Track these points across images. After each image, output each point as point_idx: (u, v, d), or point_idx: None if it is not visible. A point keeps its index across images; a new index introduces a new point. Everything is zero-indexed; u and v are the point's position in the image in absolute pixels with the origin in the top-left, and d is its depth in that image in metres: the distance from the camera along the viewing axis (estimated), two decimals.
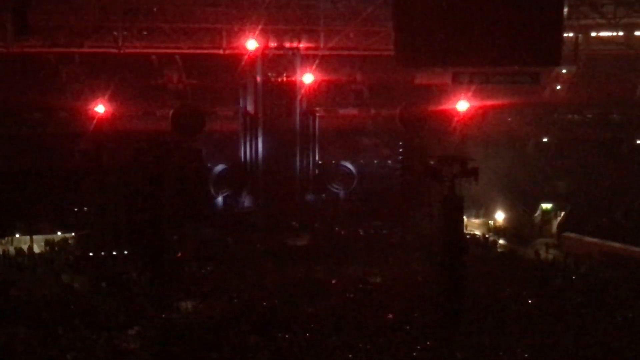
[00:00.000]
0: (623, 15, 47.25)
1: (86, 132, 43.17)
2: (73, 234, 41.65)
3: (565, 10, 36.79)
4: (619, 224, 42.89)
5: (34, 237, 41.05)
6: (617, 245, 39.78)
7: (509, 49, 35.12)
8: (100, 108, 43.06)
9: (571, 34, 47.61)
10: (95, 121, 43.22)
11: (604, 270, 37.11)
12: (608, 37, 51.19)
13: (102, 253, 39.27)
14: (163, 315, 30.35)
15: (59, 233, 41.82)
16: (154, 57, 46.64)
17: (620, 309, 30.68)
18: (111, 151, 42.63)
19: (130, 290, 33.72)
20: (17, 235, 41.14)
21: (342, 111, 49.85)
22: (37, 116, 45.45)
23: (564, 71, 52.49)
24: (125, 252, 39.31)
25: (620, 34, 50.70)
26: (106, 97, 43.46)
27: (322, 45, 46.49)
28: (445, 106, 45.88)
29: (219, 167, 45.17)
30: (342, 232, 44.07)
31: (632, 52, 50.83)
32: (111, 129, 43.35)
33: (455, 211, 30.27)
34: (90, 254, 39.13)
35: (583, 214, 44.90)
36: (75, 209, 42.83)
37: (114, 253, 39.33)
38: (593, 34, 50.56)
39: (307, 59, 45.68)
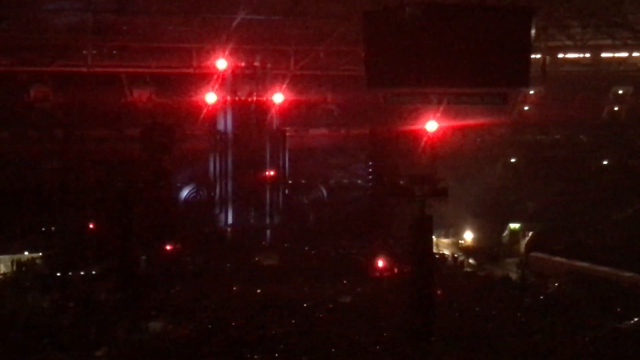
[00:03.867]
0: (590, 38, 48.01)
1: (55, 151, 42.83)
2: (41, 253, 41.25)
3: (533, 32, 37.13)
4: (585, 243, 43.20)
5: (1, 256, 40.59)
6: (584, 264, 40.06)
7: (478, 70, 35.24)
8: (69, 127, 42.77)
9: (539, 56, 48.19)
10: (65, 140, 42.90)
11: (571, 290, 37.37)
12: (575, 58, 51.92)
13: (70, 273, 38.93)
14: (132, 336, 30.08)
15: (26, 253, 41.38)
16: (123, 76, 46.47)
17: (588, 327, 30.87)
18: (80, 170, 42.33)
19: (99, 311, 33.39)
20: None
21: (312, 131, 49.95)
22: (4, 135, 45.01)
23: (532, 92, 53.10)
24: (94, 272, 39.01)
25: (587, 55, 51.45)
26: (76, 116, 43.19)
27: (292, 65, 46.70)
28: (415, 126, 46.07)
29: (190, 186, 45.03)
30: (312, 252, 44.03)
31: (599, 73, 51.56)
32: (80, 148, 43.06)
33: (424, 231, 30.40)
34: (58, 274, 38.76)
35: (551, 234, 45.24)
36: (43, 229, 42.40)
37: (82, 273, 39.01)
38: (560, 55, 51.26)
39: (278, 78, 45.78)
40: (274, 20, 43.31)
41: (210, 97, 44.53)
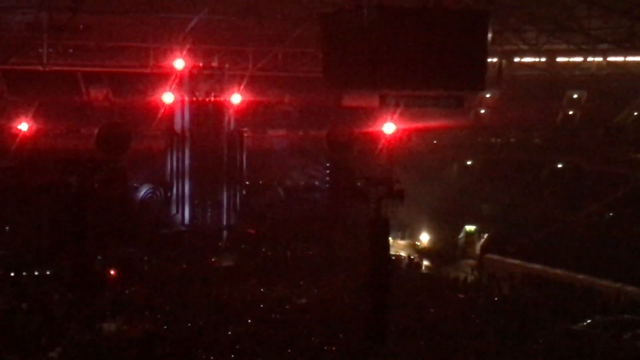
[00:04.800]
0: (545, 42, 48.59)
1: (8, 149, 42.30)
2: None
3: (490, 35, 37.53)
4: (540, 246, 43.71)
5: None
6: (538, 267, 40.54)
7: (435, 73, 35.58)
8: (23, 126, 42.21)
9: (495, 59, 48.68)
10: (18, 139, 42.36)
11: (525, 292, 37.79)
12: (531, 62, 52.52)
13: (24, 273, 38.51)
14: (85, 337, 29.82)
15: None
16: (79, 74, 46.07)
17: (541, 329, 31.21)
18: (34, 169, 41.87)
19: (52, 311, 33.06)
20: None
21: (270, 132, 49.93)
22: None
23: (488, 95, 53.67)
24: (47, 273, 38.62)
25: (543, 59, 52.08)
26: (30, 114, 42.69)
27: (250, 65, 46.66)
28: (372, 128, 46.32)
29: (145, 186, 44.71)
30: (269, 253, 44.01)
31: (554, 77, 52.20)
32: (35, 147, 42.58)
33: (381, 232, 30.53)
34: (11, 274, 38.33)
35: (505, 236, 45.70)
36: None
37: (36, 273, 38.60)
38: (517, 59, 51.82)
39: (236, 79, 45.69)
40: (232, 21, 43.24)
41: (168, 97, 44.29)
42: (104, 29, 43.06)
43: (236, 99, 45.49)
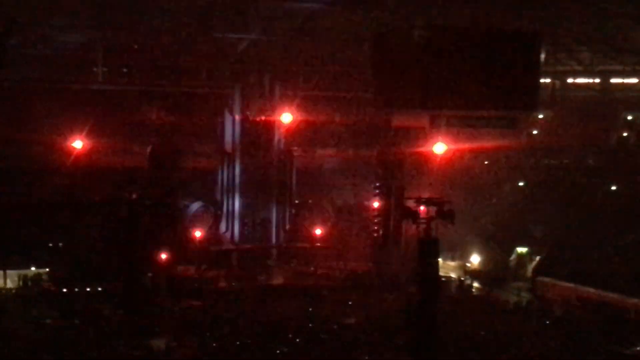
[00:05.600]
0: (599, 63, 48.03)
1: (62, 167, 42.89)
2: (47, 269, 41.31)
3: (542, 56, 37.25)
4: (592, 269, 42.99)
5: (8, 271, 40.69)
6: (591, 290, 39.88)
7: (487, 93, 35.43)
8: (77, 143, 42.77)
9: (548, 80, 48.24)
10: (72, 156, 42.92)
11: (577, 315, 37.21)
12: (585, 83, 51.96)
13: (76, 289, 38.98)
14: (134, 353, 30.03)
15: (32, 268, 41.47)
16: (133, 93, 46.60)
17: (593, 353, 30.70)
18: (87, 187, 42.40)
19: (103, 327, 33.40)
20: None
21: (320, 151, 49.85)
22: (12, 150, 45.08)
23: (540, 116, 53.08)
24: (99, 289, 39.06)
25: (597, 80, 51.49)
26: (84, 132, 43.25)
27: (301, 85, 46.78)
28: (423, 148, 46.05)
29: (197, 205, 44.99)
30: (318, 272, 43.99)
31: (608, 99, 51.55)
32: (88, 165, 43.11)
33: (430, 253, 30.29)
34: (64, 290, 38.83)
35: (558, 259, 45.05)
36: (50, 244, 42.45)
37: (88, 289, 39.07)
38: (570, 80, 51.30)
39: (286, 98, 45.82)
40: (283, 41, 43.43)
41: (219, 116, 44.62)
42: (158, 49, 43.54)
43: (287, 118, 45.58)
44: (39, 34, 40.08)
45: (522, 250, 46.47)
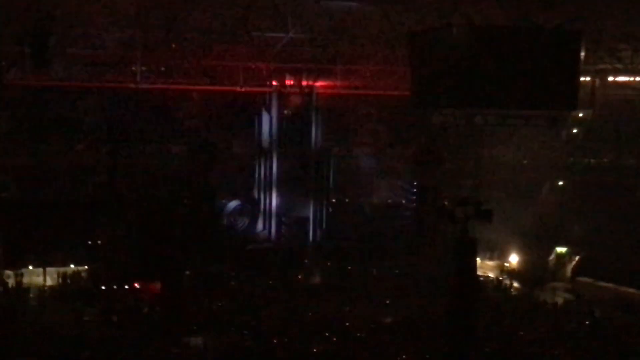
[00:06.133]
0: None
1: (101, 165, 43.30)
2: (86, 266, 41.72)
3: (583, 54, 36.79)
4: (633, 269, 42.48)
5: (47, 269, 41.13)
6: (631, 290, 39.45)
7: (525, 92, 35.01)
8: (116, 142, 43.11)
9: (588, 79, 47.70)
10: (111, 155, 43.30)
11: (618, 316, 36.81)
12: (626, 82, 51.26)
13: (114, 286, 39.30)
14: (172, 350, 30.19)
15: (72, 265, 41.89)
16: (171, 92, 46.93)
17: (634, 354, 30.33)
18: (126, 185, 42.76)
19: (140, 324, 33.64)
20: (30, 267, 41.21)
21: (357, 149, 49.88)
22: (53, 148, 45.62)
23: (580, 115, 52.49)
24: (137, 286, 39.33)
25: (638, 79, 50.77)
26: (123, 131, 43.61)
27: (338, 84, 46.78)
28: (459, 147, 45.88)
29: (233, 203, 45.16)
30: (354, 271, 43.95)
31: None
32: (127, 164, 43.48)
33: (467, 253, 30.08)
34: (102, 287, 39.17)
35: (598, 259, 44.59)
36: (89, 242, 42.85)
37: (126, 286, 39.37)
38: (610, 78, 50.67)
39: (324, 97, 45.85)
40: (320, 40, 43.43)
41: (256, 115, 44.77)
42: (196, 48, 43.76)
43: (324, 116, 45.62)
44: (78, 33, 40.38)
45: (561, 250, 46.07)
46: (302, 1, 39.30)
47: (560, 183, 52.53)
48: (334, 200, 46.65)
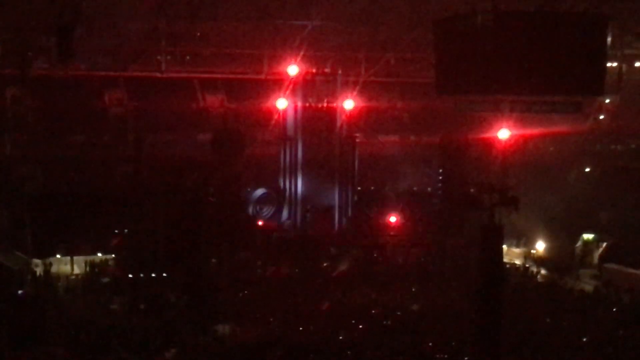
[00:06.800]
0: None
1: (127, 155, 43.49)
2: (113, 255, 41.99)
3: (609, 39, 36.48)
4: None
5: (75, 258, 41.45)
6: None
7: (551, 77, 34.85)
8: (144, 133, 43.22)
9: (615, 64, 47.27)
10: (138, 145, 43.46)
11: None
12: None
13: (141, 275, 39.54)
14: (200, 338, 30.36)
15: (99, 254, 42.19)
16: (196, 81, 47.05)
17: None
18: (152, 174, 42.93)
19: (168, 313, 33.84)
20: (58, 256, 41.55)
21: (382, 137, 49.75)
22: (79, 139, 45.88)
23: (607, 101, 52.10)
24: (164, 275, 39.58)
25: None
26: (149, 122, 43.78)
27: (363, 71, 46.68)
28: (486, 134, 45.60)
29: (259, 191, 45.20)
30: (381, 259, 43.92)
31: None
32: (153, 152, 43.64)
33: (494, 240, 29.97)
34: (130, 276, 39.42)
35: (626, 246, 44.29)
36: (116, 231, 43.10)
37: (153, 275, 39.60)
38: (637, 64, 50.22)
39: (348, 85, 45.76)
40: (344, 27, 43.36)
41: (281, 103, 44.79)
42: (220, 36, 43.85)
43: (349, 104, 45.55)
44: (103, 23, 40.55)
45: (588, 236, 45.78)
46: None
47: (587, 169, 52.22)
48: (359, 189, 46.54)
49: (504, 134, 45.04)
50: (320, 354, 28.51)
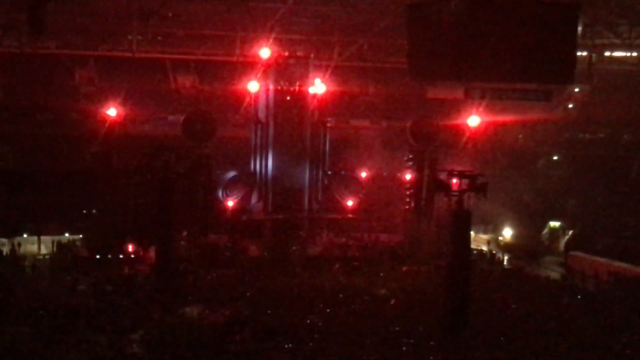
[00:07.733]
0: (638, 36, 47.24)
1: (97, 134, 43.19)
2: (80, 235, 41.77)
3: (580, 29, 36.72)
4: (627, 244, 42.69)
5: (42, 237, 41.20)
6: (624, 265, 39.63)
7: (522, 66, 35.03)
8: (112, 111, 42.92)
9: (585, 53, 47.58)
10: (107, 124, 43.16)
11: (610, 290, 37.02)
12: (622, 57, 51.16)
13: (109, 256, 39.39)
14: (167, 320, 30.33)
15: (66, 234, 41.93)
16: (167, 62, 46.73)
17: (625, 329, 30.53)
18: (121, 154, 42.71)
19: (135, 294, 33.76)
20: (25, 236, 41.28)
21: (353, 122, 49.72)
22: (49, 117, 45.45)
23: (576, 90, 52.42)
24: (132, 256, 39.44)
25: (635, 54, 50.68)
26: (119, 100, 43.46)
27: (335, 55, 46.61)
28: (457, 121, 45.81)
29: (230, 174, 45.07)
30: (350, 243, 44.09)
31: None
32: (122, 133, 43.37)
33: (462, 226, 30.23)
34: (97, 256, 39.26)
35: (591, 233, 44.80)
36: (84, 211, 42.88)
37: (121, 256, 39.46)
38: (607, 53, 50.56)
39: (320, 69, 45.67)
40: (318, 10, 43.22)
41: (253, 86, 44.59)
42: (192, 17, 43.54)
43: (320, 88, 45.46)
44: (75, 1, 40.13)
45: (555, 224, 46.28)
46: None
47: (556, 158, 52.62)
48: (329, 172, 46.58)
49: (474, 120, 45.33)
50: (288, 336, 28.61)
